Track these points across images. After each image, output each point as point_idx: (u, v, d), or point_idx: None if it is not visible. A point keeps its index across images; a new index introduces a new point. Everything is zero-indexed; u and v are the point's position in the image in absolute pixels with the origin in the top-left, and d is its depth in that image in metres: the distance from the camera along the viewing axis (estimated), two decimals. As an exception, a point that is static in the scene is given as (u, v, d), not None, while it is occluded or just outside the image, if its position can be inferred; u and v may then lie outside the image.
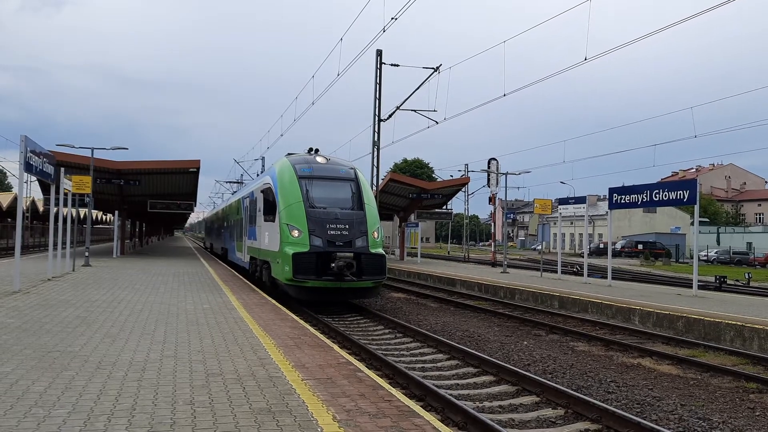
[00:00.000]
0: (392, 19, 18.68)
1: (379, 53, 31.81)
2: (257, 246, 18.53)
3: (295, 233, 14.78)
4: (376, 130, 32.07)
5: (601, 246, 65.54)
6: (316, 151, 17.85)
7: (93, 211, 30.34)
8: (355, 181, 16.40)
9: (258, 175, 36.72)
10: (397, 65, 31.92)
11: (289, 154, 17.77)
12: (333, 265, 14.17)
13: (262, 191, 17.85)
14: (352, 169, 16.90)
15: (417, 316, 16.12)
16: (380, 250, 15.27)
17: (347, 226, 14.93)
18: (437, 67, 29.18)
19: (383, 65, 31.83)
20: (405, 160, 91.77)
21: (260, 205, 18.15)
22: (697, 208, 19.19)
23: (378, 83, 32.00)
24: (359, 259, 14.58)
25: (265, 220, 16.98)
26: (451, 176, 63.26)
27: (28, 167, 14.02)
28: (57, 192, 18.48)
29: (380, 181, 34.08)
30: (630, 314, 15.33)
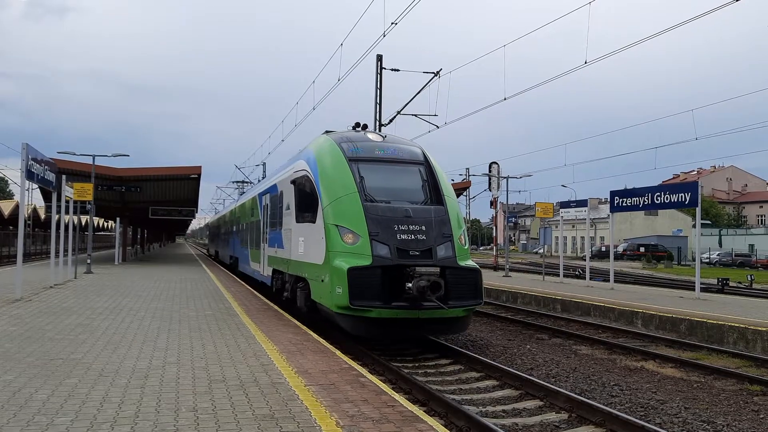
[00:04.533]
0: (392, 23, 18.75)
1: (379, 58, 31.87)
2: (285, 256, 14.01)
3: (349, 238, 10.40)
4: (377, 134, 32.05)
5: (603, 249, 65.46)
6: (364, 127, 13.48)
7: (94, 218, 30.41)
8: (426, 164, 12.04)
9: (260, 179, 35.69)
10: (398, 70, 31.93)
11: (327, 131, 13.36)
12: (409, 285, 9.76)
13: (292, 182, 13.18)
14: (418, 148, 12.56)
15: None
16: (472, 263, 10.92)
17: (423, 228, 10.55)
18: (437, 72, 29.22)
19: (383, 70, 31.89)
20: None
21: (289, 200, 13.68)
22: (698, 210, 19.18)
23: (378, 88, 32.06)
24: (444, 275, 10.13)
25: (299, 221, 12.54)
26: (453, 180, 63.34)
27: (30, 175, 14.05)
28: (58, 199, 18.51)
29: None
30: (633, 317, 15.30)
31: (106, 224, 79.77)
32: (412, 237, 10.39)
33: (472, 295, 10.47)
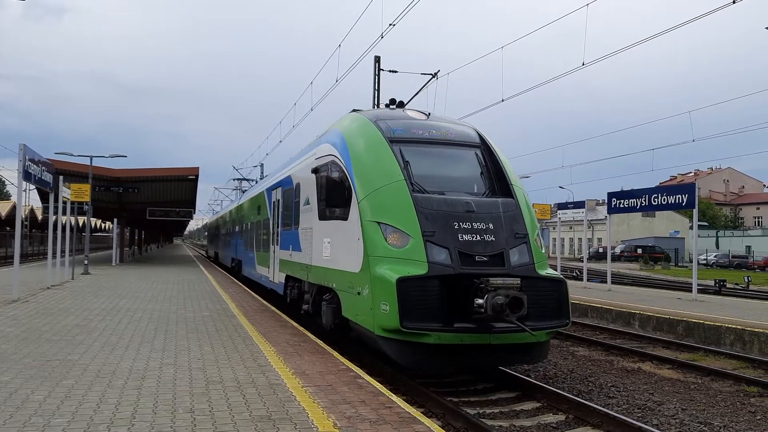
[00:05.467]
0: (390, 25, 18.75)
1: (377, 59, 31.89)
2: (303, 261, 11.68)
3: (395, 239, 8.20)
4: (375, 136, 31.98)
5: (601, 250, 65.50)
6: (400, 104, 11.30)
7: (92, 219, 30.39)
8: (483, 146, 9.84)
9: (258, 180, 35.17)
10: (396, 71, 31.93)
11: (355, 110, 11.16)
12: (479, 301, 7.51)
13: (314, 170, 10.74)
14: (472, 128, 10.37)
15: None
16: (553, 271, 8.70)
17: (491, 226, 8.36)
18: (435, 73, 29.18)
19: (381, 71, 31.89)
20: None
21: (309, 193, 11.46)
22: (695, 211, 19.24)
23: (376, 89, 32.06)
24: (521, 288, 7.79)
25: (324, 218, 10.25)
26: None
27: (27, 176, 14.03)
28: (56, 200, 18.50)
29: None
30: (630, 318, 15.31)
31: (103, 225, 79.68)
32: (477, 238, 8.19)
33: (556, 314, 8.19)
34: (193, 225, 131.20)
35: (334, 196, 9.54)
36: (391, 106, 11.13)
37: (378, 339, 8.04)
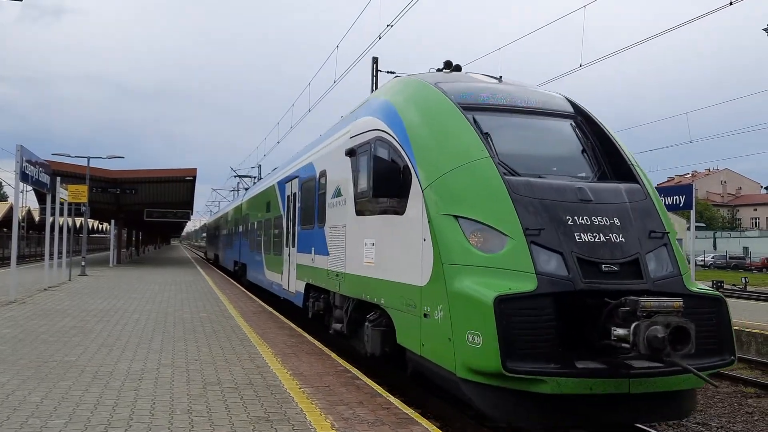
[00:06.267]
0: (388, 26, 18.77)
1: (375, 60, 31.91)
2: (332, 267, 9.54)
3: (481, 239, 5.89)
4: (373, 137, 31.96)
5: (598, 251, 65.55)
6: (457, 68, 8.90)
7: (89, 220, 30.34)
8: (581, 116, 7.58)
9: (256, 181, 34.76)
10: (393, 72, 31.91)
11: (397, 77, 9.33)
12: (623, 332, 5.10)
13: (349, 152, 8.51)
14: (559, 95, 8.03)
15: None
16: (704, 286, 6.28)
17: (617, 221, 6.02)
18: (433, 74, 29.14)
19: (379, 72, 31.91)
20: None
21: (340, 182, 9.21)
22: (693, 213, 19.25)
23: (374, 90, 32.04)
24: None
25: (364, 213, 8.10)
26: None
27: (24, 177, 14.01)
28: (53, 201, 18.48)
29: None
30: (627, 319, 15.31)
31: (100, 226, 79.59)
32: (601, 238, 5.82)
33: (716, 347, 5.79)
34: (190, 226, 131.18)
35: (384, 182, 7.18)
36: (445, 70, 8.66)
37: (461, 383, 5.63)
